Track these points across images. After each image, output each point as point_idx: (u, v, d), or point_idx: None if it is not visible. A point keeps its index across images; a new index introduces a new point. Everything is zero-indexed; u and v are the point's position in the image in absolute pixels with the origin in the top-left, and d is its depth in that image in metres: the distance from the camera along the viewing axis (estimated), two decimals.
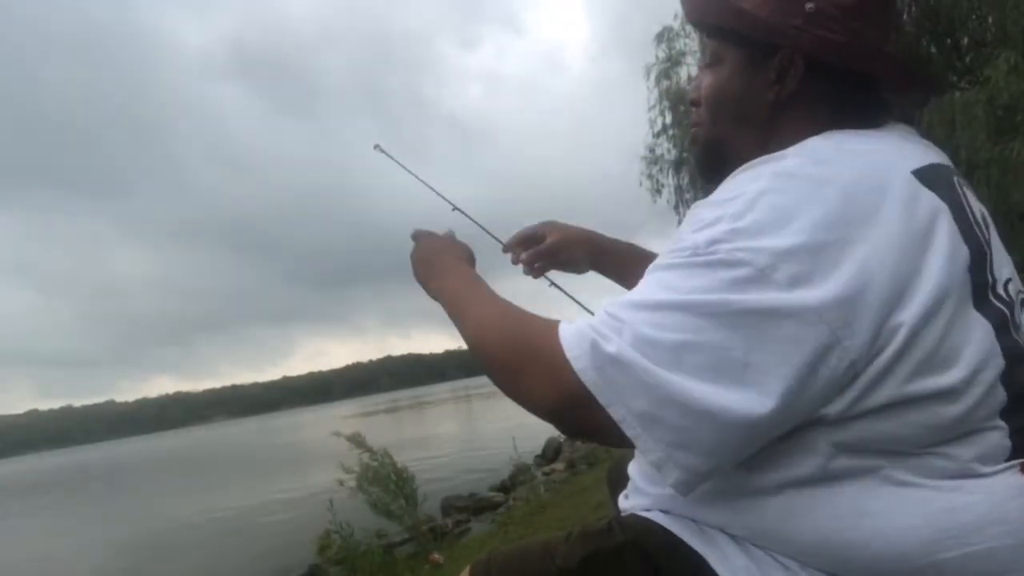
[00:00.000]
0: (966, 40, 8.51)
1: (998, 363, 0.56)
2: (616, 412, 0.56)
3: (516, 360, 0.65)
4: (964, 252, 0.58)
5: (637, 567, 0.64)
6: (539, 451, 9.99)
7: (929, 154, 0.66)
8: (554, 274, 1.12)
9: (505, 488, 7.96)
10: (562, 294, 1.11)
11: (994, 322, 0.58)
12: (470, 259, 0.93)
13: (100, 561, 9.58)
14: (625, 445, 0.59)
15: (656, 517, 0.67)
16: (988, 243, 0.62)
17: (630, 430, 0.56)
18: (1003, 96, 6.39)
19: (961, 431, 0.56)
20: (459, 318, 0.77)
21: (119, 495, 21.69)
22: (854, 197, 0.56)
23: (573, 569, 0.66)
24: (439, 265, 0.89)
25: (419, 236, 0.97)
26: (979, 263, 0.59)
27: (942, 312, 0.55)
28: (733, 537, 0.61)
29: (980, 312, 0.57)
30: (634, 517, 0.70)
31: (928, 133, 6.94)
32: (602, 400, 0.56)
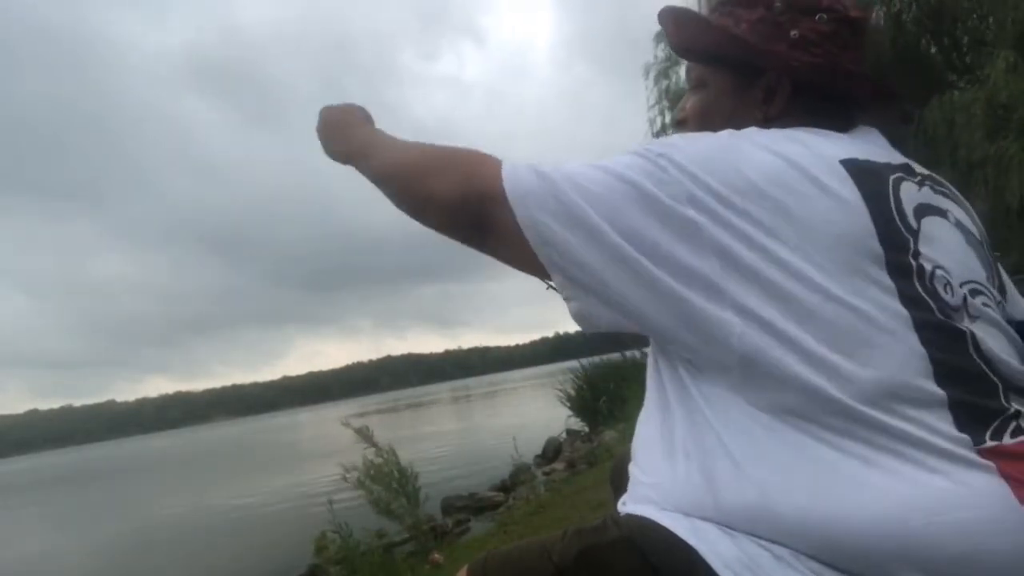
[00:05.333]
0: (966, 39, 8.51)
1: (910, 330, 0.60)
2: (521, 215, 0.67)
3: (435, 164, 0.76)
4: (871, 230, 0.64)
5: (631, 561, 0.64)
6: (539, 451, 9.97)
7: (875, 152, 0.73)
8: None
9: (505, 488, 7.94)
10: None
11: (911, 299, 0.62)
12: (369, 119, 0.98)
13: (99, 559, 9.58)
14: (508, 256, 0.72)
15: (650, 513, 0.68)
16: (914, 232, 0.66)
17: (529, 232, 0.67)
18: (1002, 95, 6.39)
19: (893, 392, 0.58)
20: (374, 153, 0.85)
21: (119, 494, 21.69)
22: (776, 161, 0.65)
23: (568, 565, 0.67)
24: (346, 123, 0.95)
25: (322, 111, 1.00)
26: (893, 243, 0.64)
27: (830, 270, 0.61)
28: (725, 531, 0.63)
29: (896, 287, 0.62)
30: (629, 515, 0.71)
31: (929, 132, 6.95)
32: (512, 201, 0.67)
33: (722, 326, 0.62)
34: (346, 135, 0.92)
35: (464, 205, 0.71)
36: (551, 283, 0.71)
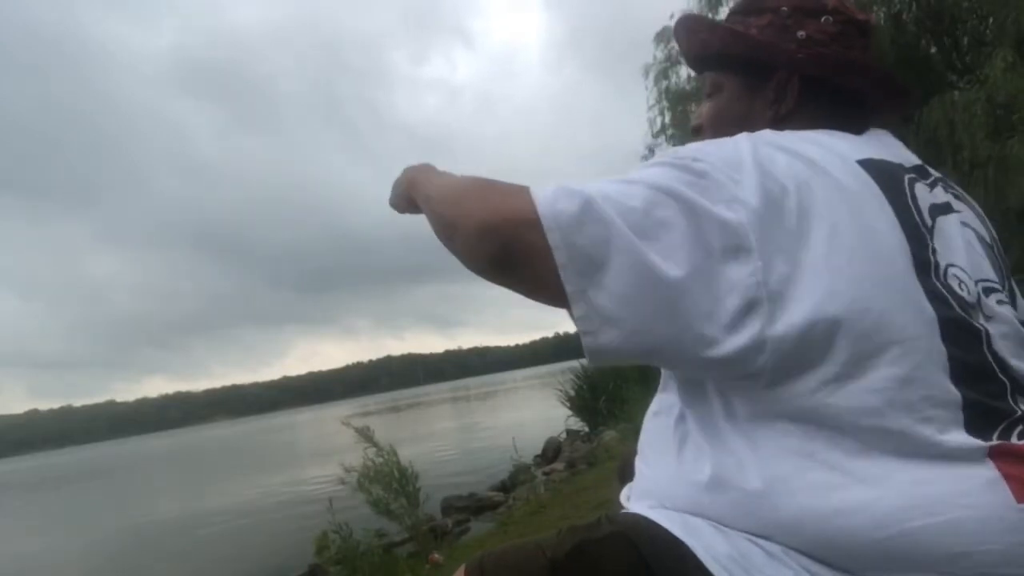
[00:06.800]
0: (966, 39, 8.50)
1: (935, 327, 0.60)
2: (553, 238, 0.61)
3: (472, 190, 0.72)
4: (897, 226, 0.64)
5: (623, 556, 0.65)
6: (539, 451, 9.97)
7: (889, 153, 0.73)
8: None
9: (505, 488, 7.94)
10: None
11: (935, 295, 0.62)
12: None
13: (99, 559, 9.58)
14: (530, 285, 0.66)
15: (643, 510, 0.69)
16: (929, 230, 0.67)
17: (560, 257, 0.61)
18: (1001, 95, 6.39)
19: (912, 391, 0.58)
20: (427, 186, 0.83)
21: (119, 494, 21.69)
22: (795, 163, 0.65)
23: (561, 559, 0.67)
24: (417, 173, 0.91)
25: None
26: (917, 242, 0.64)
27: (862, 269, 0.60)
28: (718, 527, 0.63)
29: (921, 283, 0.62)
30: (623, 512, 0.72)
31: (929, 132, 6.95)
32: (545, 223, 0.61)
33: (751, 348, 0.59)
34: (415, 182, 0.89)
35: (493, 230, 0.65)
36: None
